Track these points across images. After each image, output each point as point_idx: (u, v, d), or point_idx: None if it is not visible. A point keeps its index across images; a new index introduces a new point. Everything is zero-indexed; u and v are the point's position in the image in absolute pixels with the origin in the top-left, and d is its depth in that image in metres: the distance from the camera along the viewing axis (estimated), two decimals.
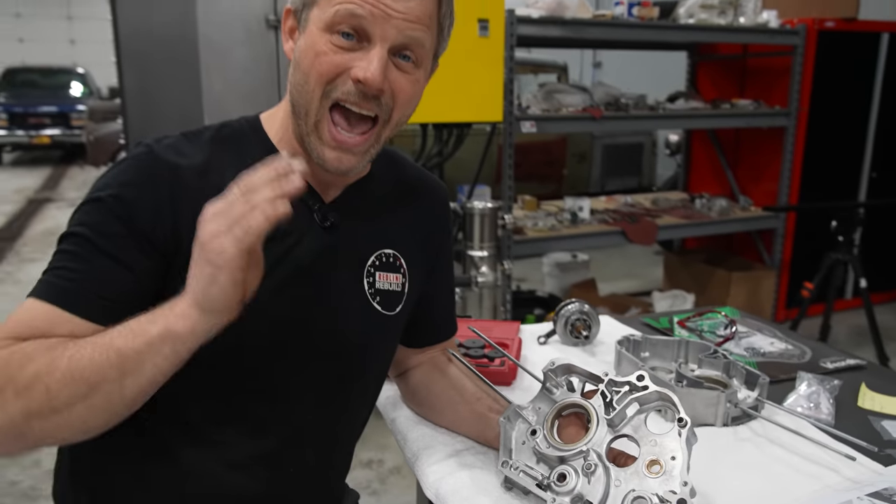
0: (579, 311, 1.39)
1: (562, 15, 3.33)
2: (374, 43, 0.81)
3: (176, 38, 2.57)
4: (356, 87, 0.81)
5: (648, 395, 0.82)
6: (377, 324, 0.97)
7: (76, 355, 0.71)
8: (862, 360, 1.35)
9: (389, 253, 0.99)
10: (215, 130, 0.92)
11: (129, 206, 0.82)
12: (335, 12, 0.80)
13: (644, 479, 0.78)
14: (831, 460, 0.98)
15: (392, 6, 0.80)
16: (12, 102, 11.18)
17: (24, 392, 0.71)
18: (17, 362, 0.72)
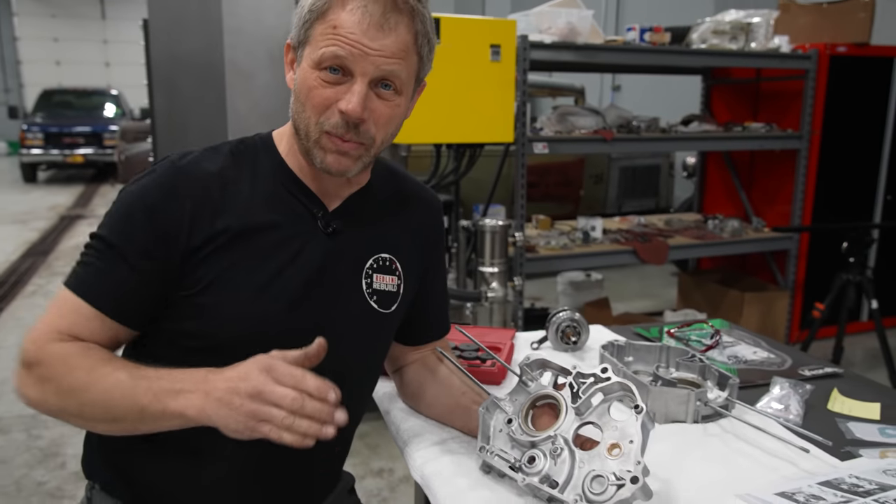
0: (570, 318, 1.47)
1: (574, 40, 3.44)
2: (355, 78, 0.94)
3: (203, 64, 2.73)
4: (341, 117, 0.94)
5: (611, 385, 0.91)
6: (374, 321, 1.08)
7: (109, 392, 0.88)
8: (839, 369, 1.42)
9: (386, 257, 1.10)
10: (233, 145, 1.05)
11: (152, 215, 0.95)
12: (322, 53, 0.93)
13: (605, 461, 0.87)
14: (791, 454, 1.06)
15: (369, 45, 0.92)
16: (48, 123, 11.56)
17: (62, 395, 0.90)
18: (63, 368, 0.90)
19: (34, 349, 0.92)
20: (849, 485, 0.92)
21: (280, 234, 1.00)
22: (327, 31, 0.92)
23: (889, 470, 0.97)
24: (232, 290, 0.96)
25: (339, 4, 0.92)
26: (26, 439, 3.11)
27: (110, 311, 0.94)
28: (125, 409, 0.87)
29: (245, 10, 2.64)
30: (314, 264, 1.01)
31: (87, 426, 0.94)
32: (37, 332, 0.93)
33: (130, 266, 0.94)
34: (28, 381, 0.92)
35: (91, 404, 0.88)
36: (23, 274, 5.91)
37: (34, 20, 16.53)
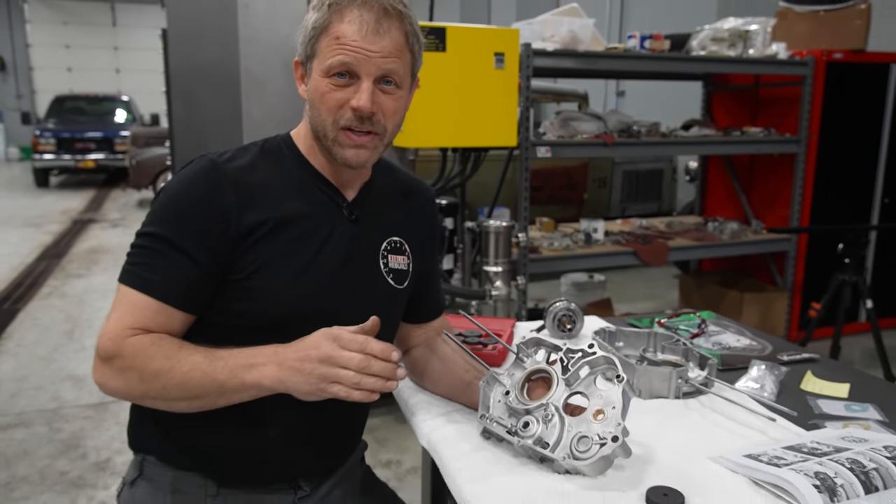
0: (566, 308, 1.59)
1: (575, 48, 3.56)
2: (362, 79, 1.07)
3: (220, 73, 2.86)
4: (354, 113, 1.08)
5: (597, 359, 1.03)
6: (391, 295, 1.23)
7: (189, 373, 1.00)
8: (815, 354, 1.53)
9: (397, 240, 1.25)
10: (260, 145, 1.19)
11: (201, 207, 1.07)
12: (330, 62, 1.07)
13: (590, 424, 0.99)
14: (762, 425, 1.17)
15: (369, 49, 1.06)
16: (60, 128, 11.74)
17: (146, 381, 1.02)
18: (145, 357, 1.01)
19: (112, 344, 1.03)
20: (809, 448, 1.03)
21: (312, 222, 1.13)
22: (332, 43, 1.06)
23: (847, 437, 1.08)
24: (276, 273, 1.09)
25: (338, 18, 1.06)
26: (48, 432, 3.24)
27: (175, 303, 1.06)
28: (205, 387, 1.01)
29: (260, 22, 2.77)
30: (343, 248, 1.15)
31: (167, 406, 1.05)
32: (111, 329, 1.04)
33: (188, 257, 1.05)
34: (109, 372, 1.04)
35: (173, 386, 1.01)
36: (38, 276, 6.06)
37: (46, 27, 16.77)
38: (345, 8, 1.06)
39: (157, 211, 1.09)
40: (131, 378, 1.03)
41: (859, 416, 1.23)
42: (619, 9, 8.81)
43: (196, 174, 1.10)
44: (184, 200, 1.08)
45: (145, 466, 1.18)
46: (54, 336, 4.55)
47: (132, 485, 1.18)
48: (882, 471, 0.95)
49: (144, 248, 1.07)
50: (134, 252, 1.08)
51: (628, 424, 1.06)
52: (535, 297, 4.62)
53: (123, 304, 1.06)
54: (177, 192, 1.09)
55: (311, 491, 1.22)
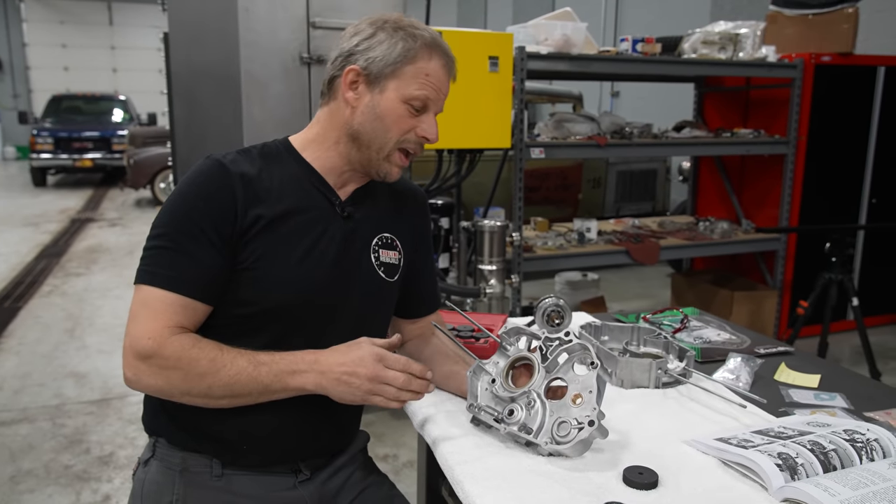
0: (555, 303, 1.65)
1: (569, 51, 3.63)
2: (430, 111, 1.23)
3: (221, 75, 2.92)
4: (420, 139, 1.24)
5: (573, 346, 1.11)
6: (383, 288, 1.31)
7: (236, 377, 1.11)
8: (790, 348, 1.61)
9: (387, 236, 1.33)
10: (259, 149, 1.27)
11: (210, 202, 1.15)
12: (417, 94, 1.20)
13: (570, 409, 1.07)
14: (735, 412, 1.25)
15: (443, 90, 1.24)
16: (58, 128, 11.75)
17: (190, 380, 1.10)
18: (189, 358, 1.10)
19: (153, 344, 1.09)
20: (776, 432, 1.11)
21: (307, 216, 1.22)
22: (419, 76, 1.20)
23: (812, 422, 1.15)
24: (275, 263, 1.18)
25: (428, 56, 1.20)
26: (52, 427, 3.31)
27: (200, 297, 1.14)
28: (249, 388, 1.11)
29: (261, 26, 2.84)
30: (336, 241, 1.24)
31: (206, 402, 1.13)
32: (149, 329, 1.10)
33: (206, 252, 1.13)
34: (147, 370, 1.10)
35: (218, 386, 1.10)
36: (38, 275, 6.12)
37: (43, 26, 16.78)
38: (433, 49, 1.21)
39: (171, 210, 1.16)
40: (173, 377, 1.10)
41: (827, 404, 1.31)
42: (614, 13, 8.90)
43: (205, 173, 1.18)
44: (196, 198, 1.16)
45: (157, 448, 1.26)
46: (55, 334, 4.62)
47: (146, 464, 1.27)
48: (840, 451, 1.03)
49: (162, 247, 1.14)
50: (152, 252, 1.15)
51: (609, 412, 1.14)
52: (529, 295, 4.69)
53: (153, 304, 1.12)
54: (189, 190, 1.17)
55: (311, 475, 1.29)
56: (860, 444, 1.04)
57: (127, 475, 2.90)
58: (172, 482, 1.22)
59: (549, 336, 1.14)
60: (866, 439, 1.06)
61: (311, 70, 2.99)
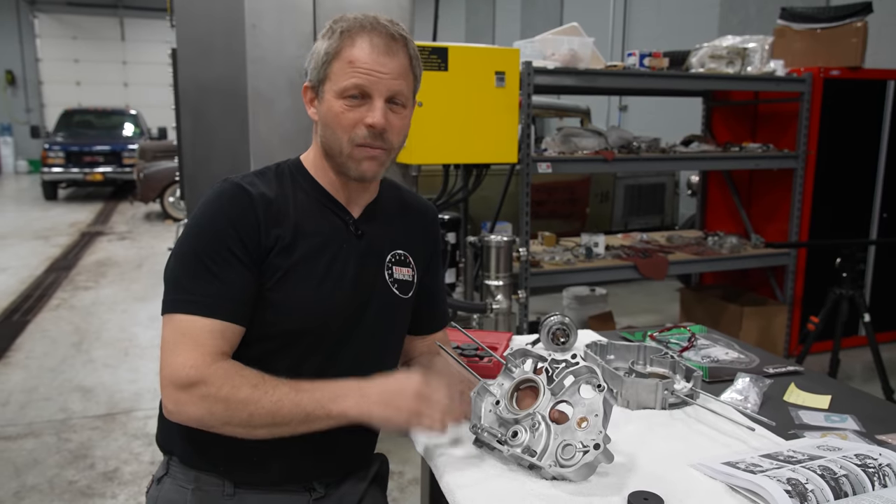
0: (560, 321, 1.64)
1: (576, 66, 3.63)
2: (374, 98, 1.16)
3: (228, 91, 2.94)
4: (368, 130, 1.17)
5: (580, 368, 1.09)
6: (397, 304, 1.31)
7: (278, 403, 1.08)
8: (800, 367, 1.58)
9: (401, 252, 1.33)
10: (274, 171, 1.26)
11: (235, 225, 1.14)
12: (345, 85, 1.15)
13: (575, 432, 1.05)
14: (743, 435, 1.23)
15: (380, 70, 1.16)
16: (69, 142, 11.87)
17: (232, 408, 1.08)
18: (231, 385, 1.08)
19: (195, 373, 1.08)
20: (785, 456, 1.09)
21: (323, 238, 1.22)
22: (345, 67, 1.15)
23: (823, 446, 1.13)
24: (297, 286, 1.17)
25: (350, 43, 1.15)
26: (57, 442, 3.30)
27: (235, 319, 1.13)
28: (291, 416, 1.09)
29: (267, 42, 2.86)
30: (352, 261, 1.24)
31: (245, 433, 1.10)
32: (191, 358, 1.08)
33: (236, 275, 1.13)
34: (188, 399, 1.08)
35: (260, 414, 1.08)
36: (47, 288, 6.14)
37: (56, 42, 17.00)
38: (356, 34, 1.16)
39: (197, 235, 1.16)
40: (215, 406, 1.08)
41: (838, 427, 1.28)
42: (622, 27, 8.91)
43: (226, 195, 1.17)
44: (221, 221, 1.15)
45: (171, 466, 1.26)
46: (63, 348, 4.62)
47: (160, 482, 1.26)
48: (852, 477, 1.00)
49: (193, 273, 1.13)
50: (180, 279, 1.14)
51: (615, 433, 1.12)
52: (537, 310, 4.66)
53: (190, 332, 1.10)
54: (213, 214, 1.16)
55: (325, 492, 1.28)
56: (872, 470, 1.02)
57: (131, 491, 2.89)
58: (185, 500, 1.22)
59: (555, 358, 1.12)
60: (878, 464, 1.03)
61: None
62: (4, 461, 3.11)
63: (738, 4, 6.89)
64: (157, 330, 4.98)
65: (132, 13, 17.31)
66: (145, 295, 5.97)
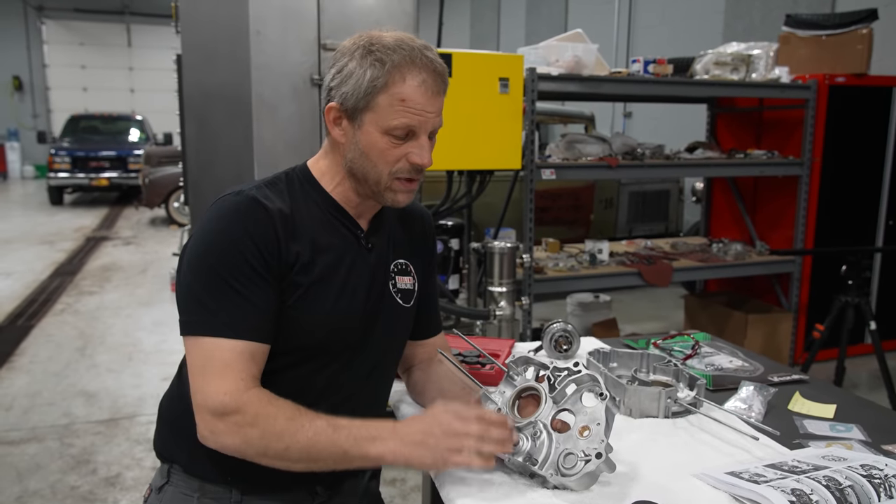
0: (562, 329, 1.64)
1: (580, 72, 3.63)
2: (420, 137, 1.15)
3: (232, 97, 2.94)
4: (413, 166, 1.17)
5: (582, 377, 1.08)
6: (401, 315, 1.30)
7: (314, 438, 1.04)
8: (805, 376, 1.56)
9: (402, 262, 1.32)
10: (285, 181, 1.22)
11: (255, 241, 1.10)
12: (396, 124, 1.13)
13: (577, 441, 1.04)
14: (747, 444, 1.21)
15: (429, 111, 1.14)
16: (75, 147, 11.91)
17: (268, 439, 1.05)
18: (267, 415, 1.05)
19: (230, 400, 1.05)
20: (790, 466, 1.08)
21: (337, 254, 1.20)
22: (395, 104, 1.11)
23: (828, 456, 1.12)
24: (315, 303, 1.16)
25: (400, 79, 1.11)
26: (59, 447, 3.30)
27: (264, 339, 1.10)
28: (328, 452, 1.05)
29: (272, 48, 2.86)
30: (364, 275, 1.23)
31: (283, 465, 1.06)
32: (222, 385, 1.05)
33: (260, 291, 1.09)
34: (224, 428, 1.05)
35: (297, 448, 1.04)
36: (52, 293, 6.16)
37: (63, 48, 17.11)
38: (406, 70, 1.11)
39: (212, 250, 1.11)
40: (251, 435, 1.05)
41: (843, 436, 1.27)
42: (626, 34, 8.91)
43: (243, 209, 1.12)
44: (239, 236, 1.10)
45: (173, 474, 1.24)
46: (67, 352, 4.63)
47: (160, 490, 1.24)
48: (857, 488, 0.99)
49: (215, 292, 1.09)
50: (201, 297, 1.09)
51: (617, 442, 1.11)
52: (541, 317, 4.66)
53: (221, 355, 1.07)
54: (231, 228, 1.11)
55: (327, 497, 1.28)
56: (878, 481, 1.00)
57: (132, 497, 2.88)
58: None
59: (557, 366, 1.11)
60: (884, 475, 1.02)
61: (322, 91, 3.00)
62: (7, 466, 3.11)
63: (742, 11, 6.89)
64: (160, 335, 4.99)
65: (138, 20, 17.41)
66: (150, 300, 5.98)
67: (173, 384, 1.30)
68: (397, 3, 3.11)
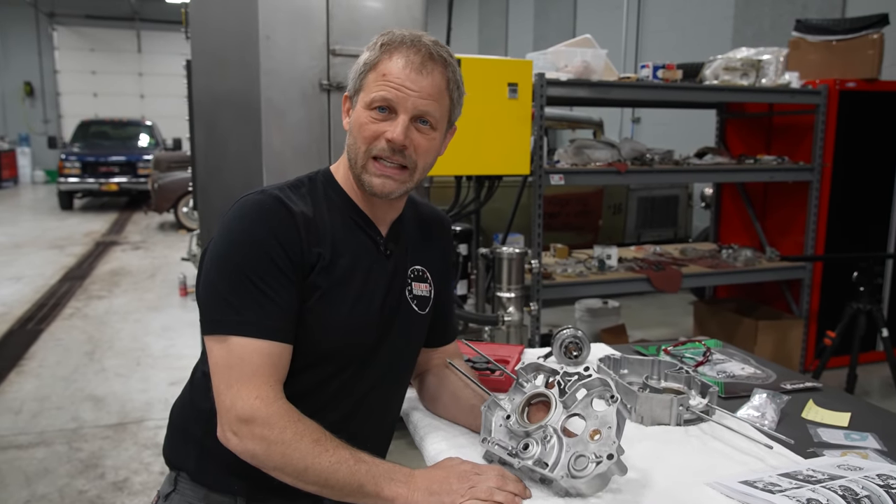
0: (572, 335, 1.62)
1: (588, 77, 3.62)
2: (399, 114, 1.14)
3: (241, 102, 2.95)
4: (388, 144, 1.15)
5: (592, 381, 1.07)
6: (416, 322, 1.30)
7: (335, 466, 1.04)
8: (818, 383, 1.55)
9: (419, 268, 1.32)
10: (307, 185, 1.23)
11: (280, 240, 1.11)
12: (373, 96, 1.14)
13: (587, 444, 1.02)
14: (761, 452, 1.20)
15: (410, 87, 1.13)
16: (85, 152, 12.00)
17: (289, 459, 1.04)
18: (294, 432, 1.04)
19: (261, 406, 1.04)
20: (804, 476, 1.06)
21: (356, 259, 1.20)
22: (378, 79, 1.14)
23: (843, 465, 1.10)
24: (333, 307, 1.16)
25: (387, 56, 1.14)
26: (68, 451, 3.30)
27: (288, 340, 1.10)
28: (344, 483, 1.04)
29: (280, 54, 2.87)
30: (382, 281, 1.23)
31: (295, 483, 1.06)
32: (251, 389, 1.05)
33: (285, 291, 1.10)
34: (247, 433, 1.05)
35: (315, 471, 1.04)
36: (61, 297, 6.18)
37: (74, 54, 17.24)
38: (395, 48, 1.14)
39: (237, 249, 1.11)
40: (274, 449, 1.04)
41: (858, 445, 1.25)
42: (635, 39, 8.91)
43: (267, 209, 1.13)
44: (263, 234, 1.11)
45: (180, 482, 1.23)
46: (75, 357, 4.64)
47: (167, 498, 1.24)
48: (874, 498, 0.97)
49: (240, 291, 1.08)
50: (226, 296, 1.09)
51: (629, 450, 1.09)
52: (549, 322, 4.64)
53: (250, 357, 1.07)
54: (253, 228, 1.11)
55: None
56: (895, 491, 0.99)
57: (140, 502, 2.88)
58: None
59: (567, 371, 1.10)
60: None
61: (331, 96, 3.00)
62: (15, 470, 3.12)
63: (752, 17, 6.87)
64: (168, 339, 5.00)
65: (149, 26, 17.54)
66: (158, 304, 5.99)
67: (185, 391, 1.29)
68: (406, 9, 3.11)
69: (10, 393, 4.00)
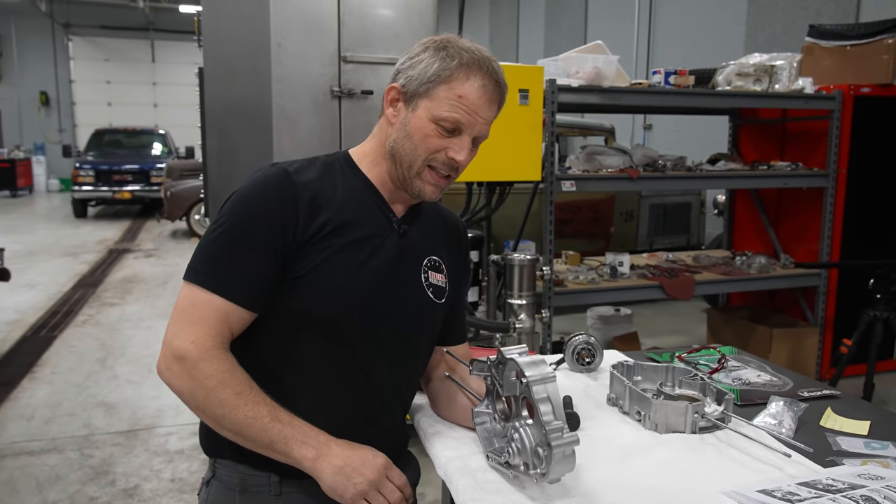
0: (585, 342, 1.60)
1: (600, 84, 3.60)
2: (464, 135, 1.20)
3: (253, 109, 2.95)
4: (449, 161, 1.21)
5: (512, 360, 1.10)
6: (430, 309, 1.30)
7: (250, 419, 1.10)
8: (836, 391, 1.52)
9: (436, 259, 1.33)
10: (322, 161, 1.27)
11: (273, 211, 1.15)
12: (446, 115, 1.18)
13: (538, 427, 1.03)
14: (778, 461, 1.17)
15: (481, 115, 1.20)
16: (99, 161, 12.10)
17: (209, 402, 1.11)
18: (219, 381, 1.10)
19: (193, 348, 1.10)
20: (824, 485, 1.04)
21: (364, 230, 1.22)
22: (452, 97, 1.17)
23: (864, 474, 1.07)
24: (332, 272, 1.17)
25: (464, 77, 1.18)
26: (79, 458, 3.31)
27: (248, 304, 1.14)
28: (256, 436, 1.11)
29: (292, 61, 2.87)
30: (390, 256, 1.24)
31: (215, 427, 1.13)
32: (191, 332, 1.11)
33: (259, 259, 1.14)
34: (178, 371, 1.11)
35: (230, 420, 1.10)
36: (74, 304, 6.22)
37: (89, 64, 17.44)
38: (471, 71, 1.18)
39: (232, 212, 1.17)
40: (197, 390, 1.10)
41: (878, 454, 1.22)
42: (646, 45, 8.89)
43: (270, 180, 1.18)
44: (259, 204, 1.16)
45: (217, 468, 1.26)
46: (88, 363, 4.66)
47: (208, 484, 1.27)
48: None
49: (218, 250, 1.15)
50: (207, 252, 1.16)
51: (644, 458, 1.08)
52: (560, 330, 4.61)
53: (201, 306, 1.13)
54: (252, 196, 1.17)
55: None
56: None
57: None
58: (233, 502, 1.23)
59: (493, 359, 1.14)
60: None
61: (342, 103, 3.01)
62: (27, 476, 3.12)
63: (764, 22, 6.84)
64: None
65: (162, 36, 17.71)
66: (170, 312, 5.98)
67: None
68: (417, 17, 3.11)
69: (22, 399, 4.02)
